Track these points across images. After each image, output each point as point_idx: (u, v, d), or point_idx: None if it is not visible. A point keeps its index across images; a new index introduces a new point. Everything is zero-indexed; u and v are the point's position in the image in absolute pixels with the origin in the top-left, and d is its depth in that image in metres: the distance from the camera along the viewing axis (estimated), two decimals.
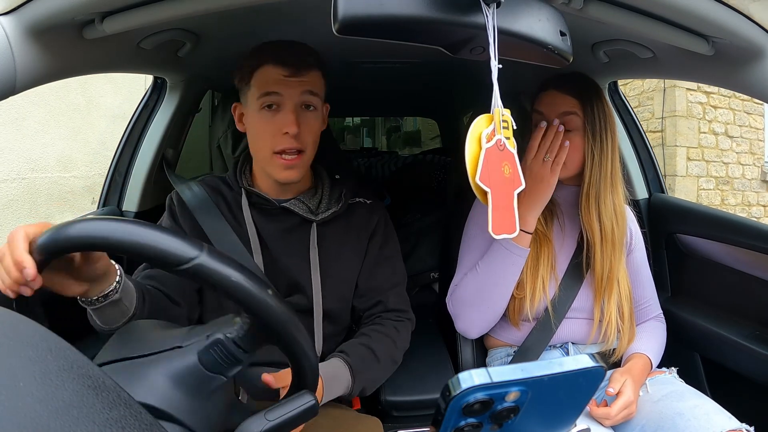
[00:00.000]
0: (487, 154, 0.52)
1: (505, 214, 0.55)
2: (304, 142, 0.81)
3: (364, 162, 2.35)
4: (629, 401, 0.84)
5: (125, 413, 0.27)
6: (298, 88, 0.80)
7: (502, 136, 0.53)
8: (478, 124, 0.52)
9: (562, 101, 0.92)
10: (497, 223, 0.53)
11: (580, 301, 0.96)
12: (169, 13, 0.63)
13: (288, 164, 0.81)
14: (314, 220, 0.88)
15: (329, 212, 0.89)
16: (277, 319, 0.45)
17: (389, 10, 0.44)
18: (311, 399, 0.48)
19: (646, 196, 1.32)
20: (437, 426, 0.25)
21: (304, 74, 0.80)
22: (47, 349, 0.28)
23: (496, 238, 0.54)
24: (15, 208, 2.55)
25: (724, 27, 0.64)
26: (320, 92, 0.84)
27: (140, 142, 1.21)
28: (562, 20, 0.54)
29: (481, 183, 0.52)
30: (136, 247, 0.42)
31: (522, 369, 0.25)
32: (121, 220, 0.44)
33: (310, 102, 0.82)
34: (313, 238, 0.88)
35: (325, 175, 0.95)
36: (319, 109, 0.85)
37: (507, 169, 0.54)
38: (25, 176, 2.59)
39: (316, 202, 0.90)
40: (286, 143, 0.80)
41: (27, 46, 0.61)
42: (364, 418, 0.86)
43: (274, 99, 0.80)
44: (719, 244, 1.11)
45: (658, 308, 1.06)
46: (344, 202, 0.91)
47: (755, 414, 0.81)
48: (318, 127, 0.85)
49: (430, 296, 1.62)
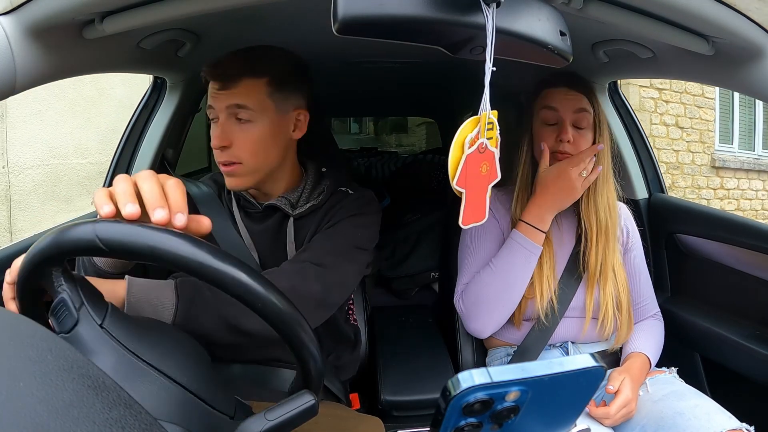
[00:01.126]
0: (467, 160, 0.54)
1: (476, 207, 0.58)
2: (235, 155, 0.79)
3: (364, 162, 2.36)
4: (627, 400, 0.84)
5: (125, 413, 0.27)
6: (224, 101, 0.78)
7: (485, 138, 0.54)
8: (464, 129, 0.53)
9: (574, 98, 0.94)
10: (468, 215, 0.57)
11: (578, 298, 0.97)
12: (169, 13, 0.63)
13: (227, 172, 0.81)
14: (291, 215, 0.87)
15: (307, 206, 0.87)
16: (286, 321, 0.45)
17: (389, 10, 0.44)
18: (311, 399, 0.48)
19: (646, 196, 1.32)
20: (437, 425, 0.25)
21: (231, 87, 0.78)
22: (47, 349, 0.28)
23: (464, 227, 0.57)
24: (40, 192, 2.84)
25: (724, 27, 0.64)
26: (255, 103, 0.79)
27: (140, 141, 1.21)
28: (561, 20, 0.54)
29: (458, 186, 0.55)
30: (155, 252, 0.42)
31: (522, 369, 0.25)
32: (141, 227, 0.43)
33: (240, 114, 0.78)
34: (290, 233, 0.87)
35: (312, 169, 0.93)
36: (257, 121, 0.79)
37: (485, 167, 0.56)
38: (48, 163, 2.86)
39: (297, 196, 0.89)
40: (219, 157, 0.80)
41: (27, 46, 0.61)
42: (366, 418, 0.86)
43: (211, 112, 0.80)
44: (719, 244, 1.11)
45: (655, 307, 1.06)
46: (325, 194, 0.89)
47: (755, 414, 0.81)
48: (256, 139, 0.79)
49: (430, 296, 1.62)
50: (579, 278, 0.97)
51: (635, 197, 1.30)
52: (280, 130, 0.83)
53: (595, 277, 0.96)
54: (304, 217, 0.88)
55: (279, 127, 0.83)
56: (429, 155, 2.18)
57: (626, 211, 1.07)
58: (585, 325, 0.96)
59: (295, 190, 0.89)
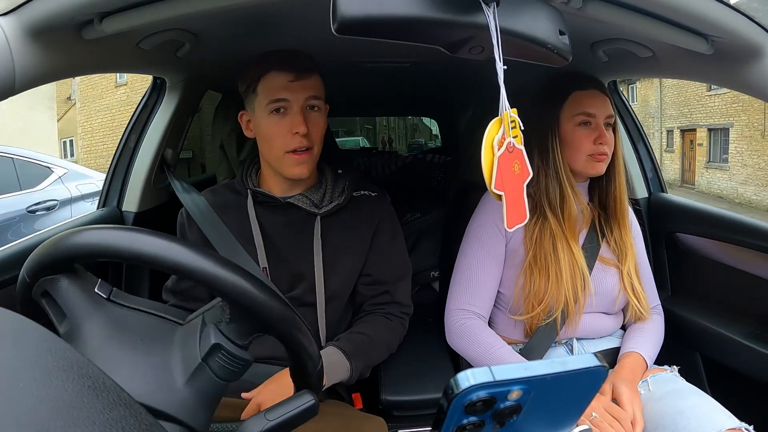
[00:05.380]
0: (500, 161, 0.54)
1: (517, 207, 0.58)
2: (312, 140, 0.87)
3: (364, 162, 2.36)
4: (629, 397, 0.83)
5: (125, 413, 0.27)
6: (302, 92, 0.86)
7: (511, 138, 0.54)
8: (490, 132, 0.53)
9: (606, 103, 0.96)
10: (511, 217, 0.57)
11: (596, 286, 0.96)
12: (169, 13, 0.63)
13: (299, 160, 0.87)
14: (318, 213, 0.92)
15: (332, 205, 0.93)
16: (282, 321, 0.45)
17: (388, 10, 0.44)
18: (311, 399, 0.48)
19: (646, 196, 1.32)
20: (439, 424, 0.25)
21: (307, 79, 0.86)
22: (47, 349, 0.28)
23: (509, 230, 0.59)
24: None
25: (723, 26, 0.64)
26: (322, 95, 0.90)
27: (140, 142, 1.21)
28: (561, 19, 0.54)
29: (497, 190, 0.55)
30: (158, 258, 0.42)
31: (525, 368, 0.25)
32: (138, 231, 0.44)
33: (315, 104, 0.88)
34: (317, 230, 0.92)
35: (328, 170, 0.98)
36: (322, 110, 0.90)
37: (517, 166, 0.56)
38: None
39: (320, 196, 0.94)
40: (296, 143, 0.86)
41: (26, 46, 0.61)
42: (369, 418, 0.87)
43: (281, 104, 0.86)
44: (719, 243, 1.11)
45: (656, 299, 1.07)
46: (347, 195, 0.95)
47: (756, 413, 0.81)
48: (323, 126, 0.90)
49: (430, 295, 1.62)
50: (593, 258, 0.98)
51: (635, 196, 1.30)
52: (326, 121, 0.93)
53: (616, 253, 0.98)
54: (329, 216, 0.93)
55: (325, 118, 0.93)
56: (429, 155, 2.18)
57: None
58: (616, 299, 0.97)
59: (314, 189, 0.95)
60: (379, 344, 0.94)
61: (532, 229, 0.95)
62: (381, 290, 0.98)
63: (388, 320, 0.97)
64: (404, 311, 1.00)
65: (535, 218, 0.95)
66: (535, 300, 0.93)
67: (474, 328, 0.95)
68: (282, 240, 0.92)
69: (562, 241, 0.94)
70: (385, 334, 0.95)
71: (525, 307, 0.94)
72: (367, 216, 0.97)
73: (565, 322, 0.94)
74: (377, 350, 0.94)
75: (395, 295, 0.98)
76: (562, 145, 0.95)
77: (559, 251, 0.93)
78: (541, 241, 0.94)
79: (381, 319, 0.96)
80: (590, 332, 0.98)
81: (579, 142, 0.94)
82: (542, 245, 0.94)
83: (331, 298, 0.92)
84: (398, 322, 0.99)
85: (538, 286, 0.92)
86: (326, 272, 0.92)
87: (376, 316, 0.97)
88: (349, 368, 0.86)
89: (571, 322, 0.94)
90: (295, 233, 0.92)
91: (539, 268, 0.93)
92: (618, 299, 0.97)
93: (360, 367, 0.88)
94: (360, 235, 0.96)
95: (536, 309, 0.92)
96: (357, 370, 0.87)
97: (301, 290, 0.92)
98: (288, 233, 0.92)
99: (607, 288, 0.97)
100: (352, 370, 0.86)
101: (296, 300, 0.91)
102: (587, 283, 0.94)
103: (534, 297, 0.93)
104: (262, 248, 0.91)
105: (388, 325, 0.97)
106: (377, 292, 0.98)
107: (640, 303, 0.97)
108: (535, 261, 0.94)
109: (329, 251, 0.92)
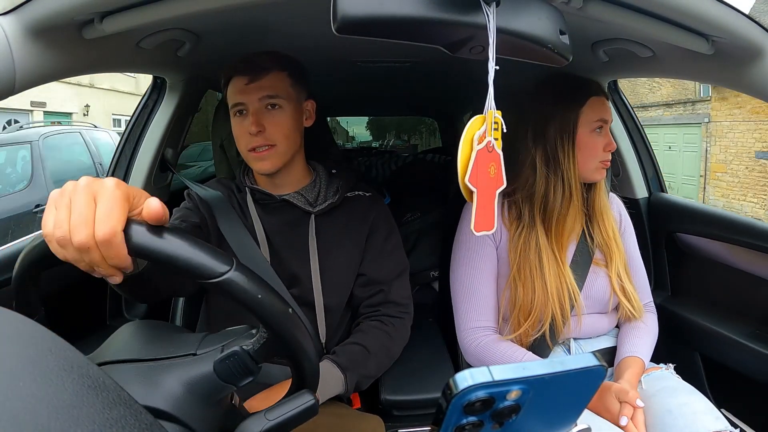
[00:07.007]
0: (477, 156, 0.54)
1: (486, 213, 0.57)
2: (271, 138, 0.88)
3: (364, 161, 2.35)
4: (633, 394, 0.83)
5: (125, 413, 0.27)
6: (257, 93, 0.87)
7: (492, 138, 0.54)
8: (472, 126, 0.54)
9: (608, 107, 0.95)
10: (479, 221, 0.57)
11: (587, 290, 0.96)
12: (169, 12, 0.63)
13: (259, 156, 0.88)
14: (312, 212, 0.93)
15: (326, 204, 0.94)
16: (292, 336, 0.46)
17: (389, 10, 0.44)
18: (311, 398, 0.48)
19: (646, 195, 1.32)
20: (438, 424, 0.25)
21: (261, 79, 0.87)
22: (47, 349, 0.28)
23: (476, 234, 0.57)
24: None
25: (723, 26, 0.64)
26: (283, 92, 0.89)
27: (140, 141, 1.21)
28: (561, 19, 0.54)
29: (469, 183, 0.54)
30: (171, 258, 0.41)
31: (523, 368, 0.25)
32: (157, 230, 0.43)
33: (273, 102, 0.88)
34: (311, 229, 0.93)
35: (321, 169, 1.00)
36: (285, 107, 0.89)
37: (493, 169, 0.56)
38: None
39: (314, 195, 0.96)
40: (254, 142, 0.87)
41: (26, 45, 0.61)
42: (367, 417, 0.87)
43: (240, 107, 0.88)
44: (719, 242, 1.11)
45: (649, 296, 1.06)
46: (341, 194, 0.96)
47: (755, 412, 0.81)
48: (285, 123, 0.89)
49: (429, 295, 1.62)
50: (587, 269, 0.96)
51: (635, 196, 1.30)
52: (299, 116, 0.93)
53: (602, 250, 0.97)
54: (323, 215, 0.94)
55: (298, 113, 0.93)
56: (429, 155, 2.18)
57: (617, 199, 1.08)
58: (609, 299, 0.96)
59: (308, 188, 0.96)
60: (378, 353, 0.92)
61: (516, 240, 0.94)
62: (376, 290, 0.97)
63: (385, 325, 0.95)
64: (402, 310, 0.99)
65: (520, 228, 0.94)
66: (521, 315, 0.91)
67: (490, 345, 0.94)
68: (279, 238, 0.93)
69: (547, 252, 0.92)
70: (384, 342, 0.93)
71: (512, 323, 0.93)
72: (362, 216, 0.98)
73: (555, 335, 0.93)
74: (375, 360, 0.92)
75: (390, 294, 0.98)
76: (576, 151, 0.92)
77: (544, 263, 0.91)
78: (526, 253, 0.92)
79: (377, 326, 0.95)
80: (587, 332, 0.98)
81: (595, 149, 0.93)
82: (527, 257, 0.92)
83: (328, 298, 0.92)
84: (397, 324, 0.97)
85: (523, 300, 0.91)
86: (322, 270, 0.92)
87: (372, 322, 0.95)
88: (344, 381, 0.85)
89: (560, 333, 0.93)
90: (291, 232, 0.93)
91: (523, 281, 0.91)
92: (610, 301, 0.97)
93: (355, 380, 0.87)
94: (354, 234, 0.96)
95: (523, 325, 0.91)
96: (352, 383, 0.86)
97: (298, 291, 0.92)
98: (284, 231, 0.93)
99: (598, 291, 0.96)
100: (347, 384, 0.85)
101: (295, 299, 0.91)
102: (576, 296, 0.92)
103: (520, 311, 0.92)
104: (265, 245, 0.91)
105: (385, 330, 0.95)
106: (372, 292, 0.97)
107: (630, 304, 0.96)
108: (519, 274, 0.92)
109: (324, 250, 0.93)
